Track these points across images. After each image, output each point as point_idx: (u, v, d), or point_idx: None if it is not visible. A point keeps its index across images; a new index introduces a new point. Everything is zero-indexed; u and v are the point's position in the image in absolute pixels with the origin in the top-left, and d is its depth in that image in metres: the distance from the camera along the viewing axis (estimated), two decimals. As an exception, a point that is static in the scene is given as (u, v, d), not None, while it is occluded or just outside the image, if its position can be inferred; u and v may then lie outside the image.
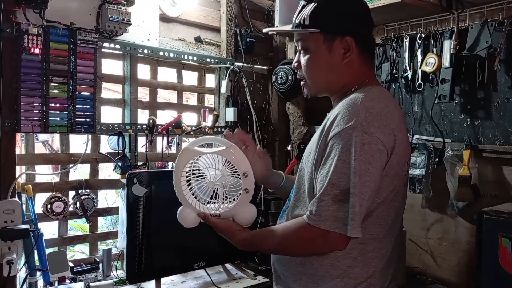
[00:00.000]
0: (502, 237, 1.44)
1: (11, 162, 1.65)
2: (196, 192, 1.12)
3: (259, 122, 2.48)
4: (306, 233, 1.02)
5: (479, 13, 1.80)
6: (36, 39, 1.62)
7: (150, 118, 2.03)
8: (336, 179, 0.98)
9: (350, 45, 1.11)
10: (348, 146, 0.98)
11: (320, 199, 0.99)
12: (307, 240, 1.03)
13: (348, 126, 0.99)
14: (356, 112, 1.00)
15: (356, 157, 0.97)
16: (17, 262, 1.59)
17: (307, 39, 1.13)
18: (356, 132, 0.98)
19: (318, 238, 1.00)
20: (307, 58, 1.14)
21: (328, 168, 1.00)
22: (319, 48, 1.12)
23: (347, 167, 0.98)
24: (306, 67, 1.15)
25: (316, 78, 1.16)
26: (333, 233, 0.98)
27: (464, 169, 1.81)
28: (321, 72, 1.15)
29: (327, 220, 0.98)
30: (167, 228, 1.81)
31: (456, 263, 1.95)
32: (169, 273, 1.89)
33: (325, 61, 1.13)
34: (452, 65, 1.84)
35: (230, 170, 1.10)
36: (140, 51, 2.01)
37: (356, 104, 1.02)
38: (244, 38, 2.39)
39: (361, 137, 0.98)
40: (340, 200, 0.98)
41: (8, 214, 1.59)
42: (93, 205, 1.93)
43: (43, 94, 1.68)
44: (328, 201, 0.98)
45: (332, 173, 0.99)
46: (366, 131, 0.98)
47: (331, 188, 0.98)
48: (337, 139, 1.00)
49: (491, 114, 1.81)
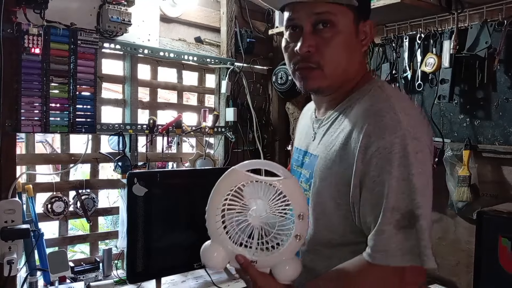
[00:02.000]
0: (502, 237, 1.44)
1: (12, 162, 1.66)
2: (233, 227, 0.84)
3: (259, 122, 2.49)
4: (376, 277, 0.82)
5: (479, 13, 1.80)
6: (37, 39, 1.62)
7: (150, 118, 2.04)
8: (395, 202, 0.79)
9: (369, 32, 0.95)
10: (401, 159, 0.80)
11: (381, 230, 0.80)
12: (380, 285, 0.83)
13: (394, 135, 0.80)
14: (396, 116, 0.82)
15: (414, 170, 0.79)
16: (17, 262, 1.59)
17: (336, 12, 0.88)
18: (406, 141, 0.80)
19: (393, 278, 0.81)
20: (334, 36, 0.89)
21: (381, 191, 0.80)
22: (349, 27, 0.90)
23: (405, 184, 0.79)
24: (330, 47, 0.89)
25: (341, 65, 0.91)
26: (408, 267, 0.80)
27: (464, 169, 1.81)
28: (348, 59, 0.92)
29: (397, 254, 0.79)
30: (167, 227, 1.82)
31: (456, 263, 1.95)
32: (169, 272, 1.90)
33: (352, 44, 0.92)
34: (451, 65, 1.84)
35: (278, 208, 0.84)
36: (141, 51, 2.01)
37: (391, 107, 0.84)
38: (244, 38, 2.39)
39: (412, 145, 0.80)
40: (404, 227, 0.79)
41: (8, 214, 1.59)
42: (94, 205, 1.93)
43: (44, 94, 1.68)
44: (391, 231, 0.79)
45: (389, 196, 0.79)
46: (416, 137, 0.81)
47: (391, 215, 0.79)
48: (382, 153, 0.80)
49: (490, 114, 1.82)
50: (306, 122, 1.11)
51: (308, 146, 1.03)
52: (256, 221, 0.84)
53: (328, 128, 0.96)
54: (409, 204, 0.79)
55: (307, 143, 1.04)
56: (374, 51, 2.22)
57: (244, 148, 2.46)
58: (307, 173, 0.99)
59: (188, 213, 1.88)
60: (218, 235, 0.85)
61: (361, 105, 0.89)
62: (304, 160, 1.03)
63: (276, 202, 0.83)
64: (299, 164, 1.05)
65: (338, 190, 0.88)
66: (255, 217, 0.84)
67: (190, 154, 2.30)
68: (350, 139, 0.86)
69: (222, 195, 0.84)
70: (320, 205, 0.92)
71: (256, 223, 0.84)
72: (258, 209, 0.84)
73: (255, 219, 0.84)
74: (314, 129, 1.02)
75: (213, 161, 2.30)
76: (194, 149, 2.46)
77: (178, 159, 2.26)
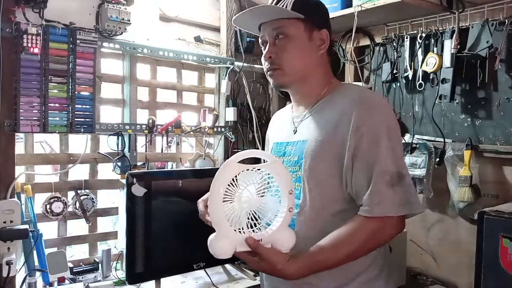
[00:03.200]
0: (503, 237, 1.44)
1: (11, 162, 1.65)
2: (232, 217, 0.95)
3: (259, 122, 2.48)
4: (374, 227, 1.02)
5: (480, 13, 1.79)
6: (36, 38, 1.61)
7: (150, 118, 2.03)
8: (385, 166, 1.02)
9: (325, 38, 1.17)
10: (387, 133, 1.03)
11: (376, 189, 1.01)
12: (377, 233, 1.03)
13: (382, 116, 1.06)
14: (376, 99, 1.11)
15: (396, 141, 1.05)
16: (16, 263, 1.59)
17: (288, 25, 1.13)
18: (389, 119, 1.07)
19: (386, 226, 1.03)
20: (287, 43, 1.13)
21: (372, 158, 1.02)
22: (300, 35, 1.14)
23: (391, 152, 1.03)
24: (285, 52, 1.14)
25: (294, 63, 1.15)
26: (397, 216, 1.02)
27: (465, 169, 1.80)
28: (300, 57, 1.15)
29: (391, 206, 1.01)
30: (166, 228, 1.81)
31: (457, 263, 1.94)
32: (169, 273, 1.89)
33: (304, 47, 1.15)
34: (452, 65, 1.84)
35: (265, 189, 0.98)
36: (140, 51, 2.00)
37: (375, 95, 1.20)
38: (244, 38, 2.38)
39: (393, 122, 1.07)
40: (394, 184, 1.01)
41: (7, 214, 1.59)
42: (93, 205, 1.92)
43: (43, 94, 1.67)
44: (385, 189, 1.01)
45: (380, 161, 1.02)
46: (393, 116, 1.11)
47: (383, 176, 1.01)
48: (372, 130, 1.03)
49: (492, 114, 1.81)
50: (282, 121, 1.33)
51: (289, 138, 1.23)
52: (252, 205, 0.96)
53: (314, 118, 1.16)
54: (396, 166, 1.02)
55: (288, 136, 1.24)
56: (375, 51, 2.21)
57: (244, 148, 2.45)
58: (294, 157, 1.17)
59: (188, 214, 1.87)
60: (222, 225, 0.94)
61: (345, 98, 1.11)
62: (286, 149, 1.22)
63: (265, 185, 0.98)
64: (281, 154, 1.23)
65: (330, 164, 1.08)
66: (248, 203, 0.96)
67: (190, 154, 2.29)
68: (340, 123, 1.07)
69: (221, 187, 0.94)
70: (314, 179, 1.10)
71: (253, 206, 0.96)
72: (249, 195, 0.96)
73: (248, 204, 0.96)
74: (295, 123, 1.23)
75: (213, 161, 2.30)
76: (193, 149, 2.45)
77: (178, 159, 2.25)
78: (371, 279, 1.11)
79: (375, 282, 1.12)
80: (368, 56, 2.26)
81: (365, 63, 2.29)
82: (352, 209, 1.07)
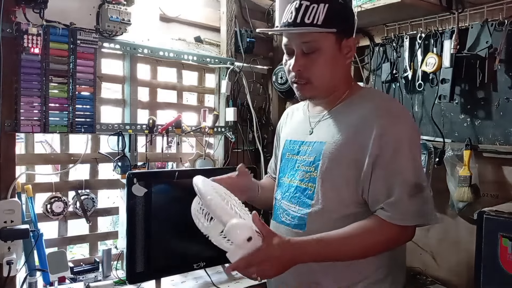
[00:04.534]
0: (503, 237, 1.43)
1: (11, 162, 1.65)
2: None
3: (259, 122, 2.48)
4: (391, 232, 1.06)
5: (479, 13, 1.80)
6: (36, 39, 1.61)
7: (150, 118, 2.03)
8: (407, 176, 1.05)
9: (352, 46, 1.16)
10: (409, 144, 1.06)
11: (399, 198, 1.04)
12: (392, 239, 1.07)
13: (404, 125, 1.09)
14: (399, 109, 1.14)
15: (417, 152, 1.09)
16: (17, 262, 1.59)
17: (319, 39, 1.11)
18: (412, 130, 1.10)
19: (401, 234, 1.07)
20: (318, 57, 1.12)
21: (394, 168, 1.05)
22: (331, 47, 1.12)
23: (413, 163, 1.06)
24: (315, 66, 1.13)
25: (326, 77, 1.15)
26: (412, 226, 1.08)
27: (465, 169, 1.81)
28: (332, 72, 1.15)
29: (411, 216, 1.05)
30: (167, 228, 1.82)
31: (456, 263, 1.94)
32: (169, 273, 1.89)
33: (334, 59, 1.14)
34: (452, 65, 1.84)
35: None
36: (140, 51, 2.00)
37: (397, 104, 1.19)
38: (244, 38, 2.38)
39: (415, 133, 1.12)
40: (414, 195, 1.05)
41: (8, 214, 1.59)
42: (93, 205, 1.92)
43: (43, 94, 1.67)
44: (406, 199, 1.04)
45: (402, 172, 1.05)
46: (415, 126, 1.14)
47: (405, 186, 1.04)
48: (395, 139, 1.06)
49: (491, 114, 1.81)
50: (296, 119, 1.34)
51: (304, 137, 1.23)
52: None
53: (333, 121, 1.17)
54: (416, 177, 1.06)
55: (303, 135, 1.24)
56: (375, 51, 2.22)
57: (244, 148, 2.46)
58: (309, 158, 1.17)
59: (188, 214, 1.87)
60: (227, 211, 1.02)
61: (367, 103, 1.12)
62: (301, 148, 1.22)
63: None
64: (295, 153, 1.24)
65: (347, 167, 1.09)
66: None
67: (190, 154, 2.29)
68: (361, 128, 1.08)
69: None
70: (329, 181, 1.12)
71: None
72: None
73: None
74: (311, 123, 1.23)
75: (213, 161, 2.30)
76: (193, 149, 2.45)
77: (178, 159, 2.25)
78: (377, 281, 1.14)
79: (381, 284, 1.14)
80: (367, 56, 2.26)
81: (365, 63, 2.29)
82: (363, 212, 1.10)
